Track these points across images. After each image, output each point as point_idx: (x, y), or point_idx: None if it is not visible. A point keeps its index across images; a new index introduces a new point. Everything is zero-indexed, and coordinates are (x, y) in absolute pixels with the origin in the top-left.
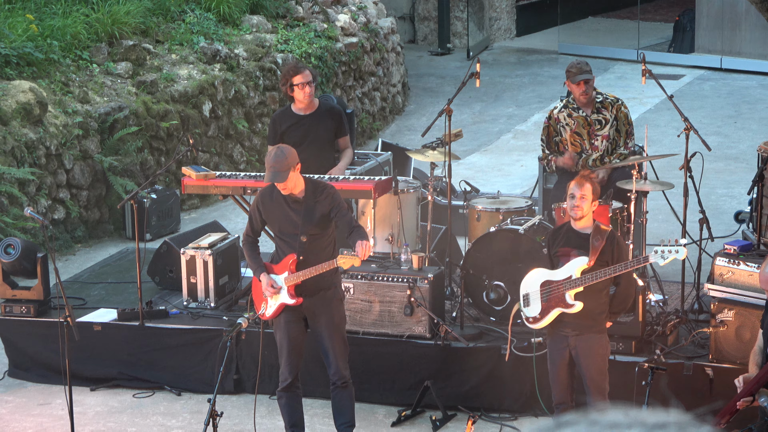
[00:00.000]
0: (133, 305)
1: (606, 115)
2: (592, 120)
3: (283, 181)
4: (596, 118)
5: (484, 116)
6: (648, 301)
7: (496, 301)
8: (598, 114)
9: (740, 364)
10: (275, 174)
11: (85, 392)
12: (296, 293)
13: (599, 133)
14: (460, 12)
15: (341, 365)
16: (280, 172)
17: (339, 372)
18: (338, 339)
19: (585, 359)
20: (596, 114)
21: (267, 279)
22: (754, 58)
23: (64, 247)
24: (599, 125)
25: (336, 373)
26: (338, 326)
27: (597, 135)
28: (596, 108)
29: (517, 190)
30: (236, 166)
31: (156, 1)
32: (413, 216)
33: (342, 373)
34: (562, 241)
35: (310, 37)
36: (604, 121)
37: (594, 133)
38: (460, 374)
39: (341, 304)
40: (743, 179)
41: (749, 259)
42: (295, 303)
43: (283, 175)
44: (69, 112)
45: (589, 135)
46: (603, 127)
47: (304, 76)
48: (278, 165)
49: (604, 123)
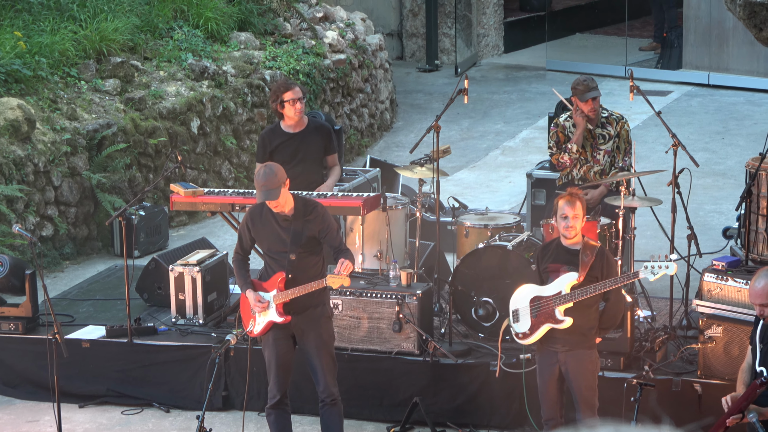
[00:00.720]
0: (122, 322)
1: (610, 130)
2: (596, 134)
3: (276, 198)
4: (600, 132)
5: (472, 133)
6: (636, 317)
7: (484, 317)
8: (603, 129)
9: (729, 380)
10: (268, 192)
11: (73, 409)
12: (285, 311)
13: (602, 148)
14: (448, 29)
15: (330, 382)
16: (272, 189)
17: (328, 389)
18: (327, 356)
19: (575, 375)
20: (600, 128)
21: (254, 295)
22: (742, 74)
23: (53, 264)
24: (602, 140)
25: (325, 391)
26: (326, 344)
27: (600, 149)
28: (601, 123)
29: (506, 206)
30: (224, 182)
31: (144, 18)
32: (402, 232)
33: (331, 390)
34: (551, 257)
35: (298, 53)
36: (608, 136)
37: (597, 147)
38: (449, 391)
39: (329, 321)
40: (731, 195)
41: (737, 275)
42: (283, 321)
43: (275, 192)
44: (57, 128)
45: (591, 148)
46: (606, 142)
47: (294, 92)
48: (269, 183)
49: (607, 138)
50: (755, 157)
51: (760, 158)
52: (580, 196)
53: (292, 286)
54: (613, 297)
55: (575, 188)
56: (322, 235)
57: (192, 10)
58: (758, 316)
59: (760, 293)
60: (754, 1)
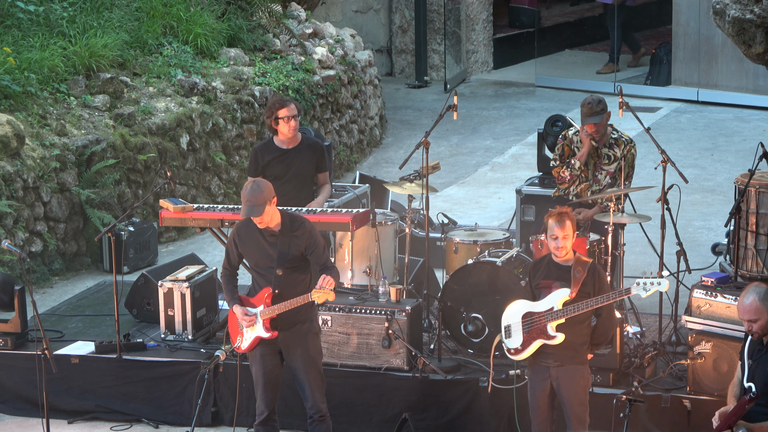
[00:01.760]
0: (111, 338)
1: (616, 152)
2: (602, 153)
3: (259, 215)
4: (606, 152)
5: (462, 149)
6: (626, 333)
7: (474, 333)
8: (609, 149)
9: (718, 396)
10: (251, 208)
11: (62, 425)
12: (272, 327)
13: (605, 168)
14: (438, 45)
15: (318, 398)
16: (257, 206)
17: (316, 405)
18: (314, 372)
19: (566, 390)
20: (607, 149)
21: (241, 309)
22: (731, 90)
23: (42, 280)
24: (607, 160)
25: (313, 407)
26: (314, 360)
27: (603, 169)
28: (609, 143)
29: (495, 222)
30: (214, 198)
31: (133, 35)
32: (391, 248)
33: (319, 406)
34: (543, 273)
35: (288, 69)
36: (613, 157)
37: (600, 167)
38: (438, 407)
39: (317, 338)
40: (720, 211)
41: (726, 291)
42: (270, 336)
43: (259, 209)
44: (46, 144)
45: (595, 166)
46: (610, 163)
47: (289, 109)
48: (254, 199)
49: (612, 159)
50: (744, 173)
51: (749, 174)
52: (570, 215)
53: (279, 301)
54: (605, 313)
55: (565, 207)
56: (308, 252)
57: (181, 26)
58: (747, 332)
59: (748, 309)
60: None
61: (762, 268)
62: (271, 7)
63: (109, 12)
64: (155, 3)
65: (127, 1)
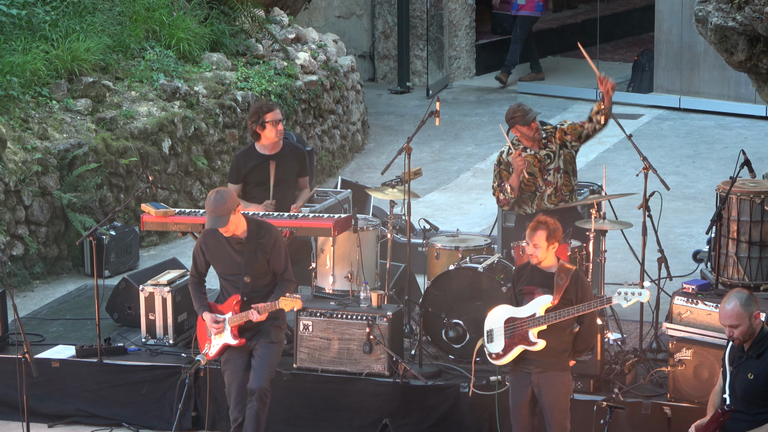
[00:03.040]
0: (92, 342)
1: (552, 147)
2: (542, 156)
3: (224, 225)
4: (545, 153)
5: (444, 155)
6: (606, 339)
7: (455, 339)
8: (546, 149)
9: (698, 404)
10: (216, 219)
11: (42, 429)
12: (239, 334)
13: (550, 167)
14: (420, 51)
15: (262, 376)
16: (221, 216)
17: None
18: (267, 351)
19: (547, 397)
20: (544, 149)
21: (210, 316)
22: (713, 98)
23: (23, 284)
24: (549, 159)
25: (255, 383)
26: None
27: (549, 170)
28: (543, 144)
29: (476, 228)
30: (195, 203)
31: (116, 39)
32: (372, 254)
33: (259, 384)
34: (526, 279)
35: (270, 74)
36: (553, 154)
37: (545, 169)
38: (419, 412)
39: (279, 330)
40: (702, 219)
41: (707, 299)
42: (238, 344)
43: (224, 219)
44: (28, 148)
45: (541, 172)
46: (553, 161)
47: (276, 114)
48: (218, 210)
49: (553, 156)
50: (726, 180)
51: (730, 182)
52: (548, 225)
53: (248, 308)
54: (587, 320)
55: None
56: (271, 254)
57: (164, 30)
58: (728, 338)
59: (729, 315)
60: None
61: (743, 275)
62: (253, 12)
63: (91, 16)
64: (138, 7)
65: (110, 5)
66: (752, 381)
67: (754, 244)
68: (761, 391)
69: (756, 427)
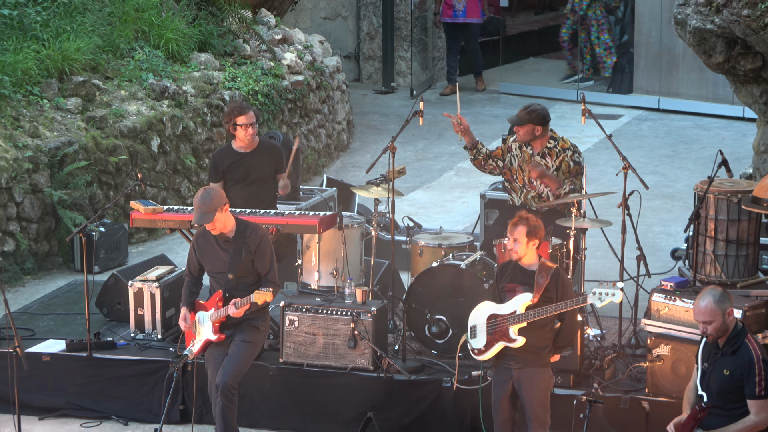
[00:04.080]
0: (81, 336)
1: (548, 162)
2: (534, 162)
3: (209, 221)
4: (539, 161)
5: (427, 154)
6: (586, 335)
7: (437, 334)
8: (542, 158)
9: (676, 398)
10: (202, 216)
11: (33, 422)
12: (220, 329)
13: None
14: (404, 52)
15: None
16: (207, 213)
17: (223, 378)
18: (239, 350)
19: (527, 392)
20: (539, 157)
21: (184, 312)
22: (691, 99)
23: (14, 279)
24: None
25: (220, 378)
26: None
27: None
28: (542, 153)
29: (459, 226)
30: (183, 200)
31: (106, 39)
32: (357, 251)
33: (225, 381)
34: (509, 277)
35: (257, 74)
36: (546, 167)
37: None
38: (402, 406)
39: (256, 330)
40: (680, 217)
41: (685, 296)
42: (217, 339)
43: (209, 216)
44: (19, 146)
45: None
46: None
47: (248, 117)
48: (204, 207)
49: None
50: (703, 180)
51: (708, 181)
52: (529, 221)
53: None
54: (568, 318)
55: (524, 212)
56: (256, 255)
57: (153, 31)
58: (702, 334)
59: (703, 311)
60: (703, 28)
61: (720, 272)
62: (241, 13)
63: (82, 16)
64: (127, 8)
65: (100, 6)
66: (728, 377)
67: (731, 242)
68: (736, 386)
69: (732, 422)
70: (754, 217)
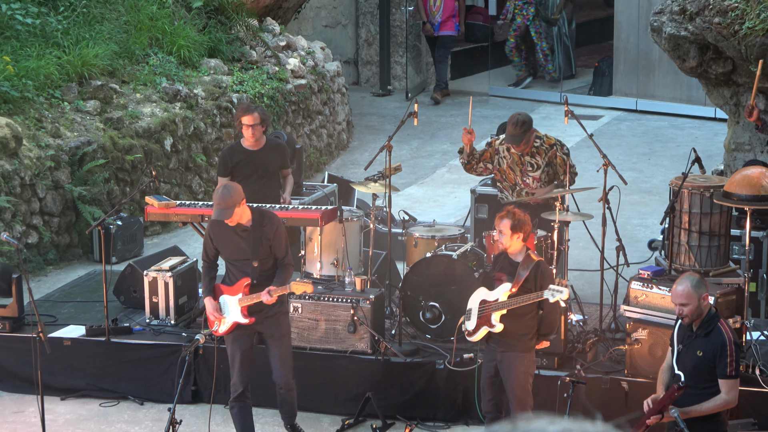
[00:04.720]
0: (100, 322)
1: (538, 160)
2: (525, 161)
3: (228, 218)
4: (529, 160)
5: (421, 152)
6: (569, 321)
7: (431, 320)
8: (532, 158)
9: (653, 379)
10: (221, 212)
11: (55, 401)
12: (249, 313)
13: (531, 174)
14: (400, 57)
15: (285, 372)
16: (226, 209)
17: (283, 378)
18: (283, 348)
19: (507, 375)
20: (529, 157)
21: (211, 305)
22: (667, 100)
23: (37, 269)
24: (531, 167)
25: (280, 379)
26: (283, 336)
27: (529, 175)
28: (531, 152)
29: (451, 219)
30: (195, 195)
31: (122, 46)
32: (356, 242)
33: (285, 379)
34: (499, 266)
35: (263, 78)
36: (536, 165)
37: (526, 172)
38: (398, 387)
39: (287, 316)
40: (656, 211)
41: (661, 284)
42: (248, 323)
43: (229, 212)
44: (42, 145)
45: (521, 173)
46: (535, 170)
47: (252, 118)
48: (224, 203)
49: (536, 167)
50: (678, 176)
51: (682, 177)
52: (515, 215)
53: (256, 291)
54: (546, 307)
55: (511, 206)
56: (273, 241)
57: (166, 38)
58: (678, 316)
59: (681, 294)
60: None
61: (694, 262)
62: (248, 22)
63: (100, 25)
64: (142, 17)
65: (117, 15)
66: (701, 357)
67: (704, 233)
68: (709, 366)
69: (704, 400)
70: (725, 210)
